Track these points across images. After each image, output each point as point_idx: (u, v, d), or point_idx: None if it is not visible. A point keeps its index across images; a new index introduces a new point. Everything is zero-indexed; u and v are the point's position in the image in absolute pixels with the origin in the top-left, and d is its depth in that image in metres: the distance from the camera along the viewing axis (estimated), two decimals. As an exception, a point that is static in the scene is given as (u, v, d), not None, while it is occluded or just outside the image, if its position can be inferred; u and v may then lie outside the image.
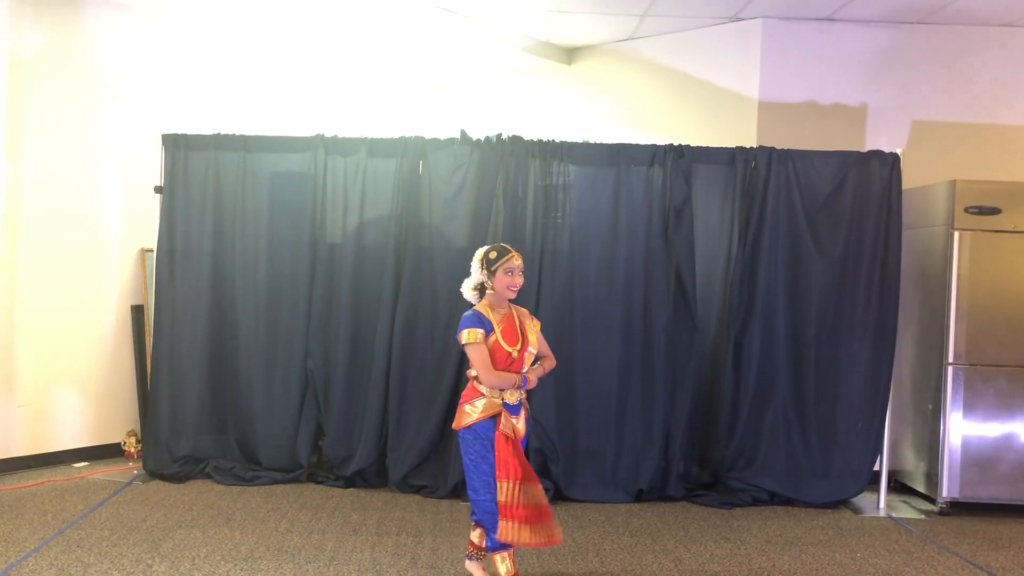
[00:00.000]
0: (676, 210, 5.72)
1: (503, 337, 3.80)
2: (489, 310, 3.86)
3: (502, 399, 3.78)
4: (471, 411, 3.80)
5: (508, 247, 3.90)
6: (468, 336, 3.78)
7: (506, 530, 3.63)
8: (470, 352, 3.80)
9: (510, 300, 3.93)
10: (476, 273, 3.89)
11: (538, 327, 3.99)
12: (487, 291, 3.89)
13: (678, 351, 5.74)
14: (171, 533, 4.75)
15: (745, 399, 5.74)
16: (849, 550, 4.86)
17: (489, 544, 3.85)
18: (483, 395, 3.80)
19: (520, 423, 3.83)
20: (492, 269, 3.84)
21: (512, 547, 3.80)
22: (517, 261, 3.86)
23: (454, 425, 3.91)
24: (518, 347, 3.82)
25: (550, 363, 4.05)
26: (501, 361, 3.79)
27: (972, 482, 5.59)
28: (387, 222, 5.87)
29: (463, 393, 3.90)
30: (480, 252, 3.93)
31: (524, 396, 3.88)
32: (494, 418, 3.76)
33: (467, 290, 3.94)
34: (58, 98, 6.09)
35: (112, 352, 6.43)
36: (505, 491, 3.65)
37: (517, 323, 3.89)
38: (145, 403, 6.27)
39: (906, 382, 6.06)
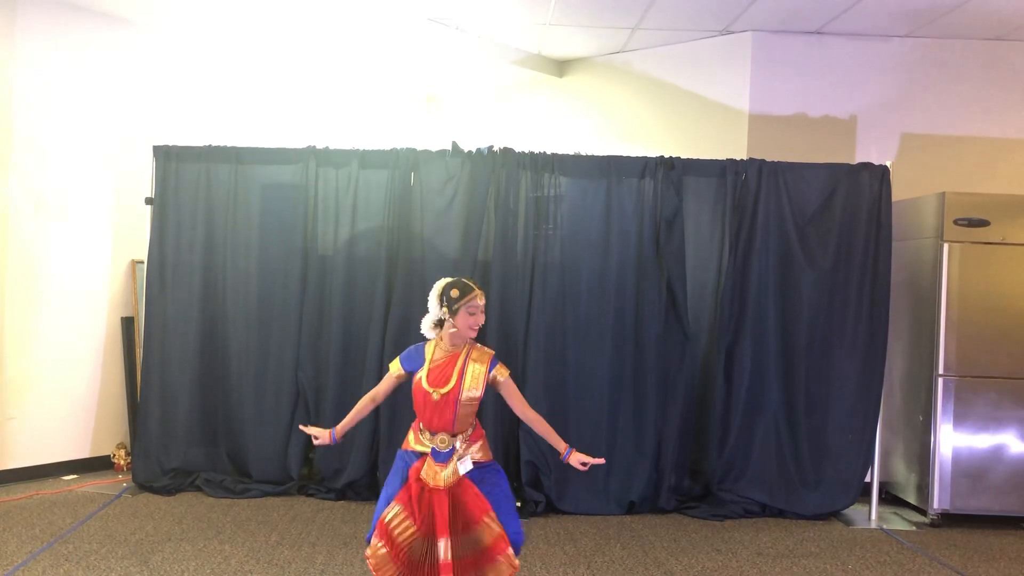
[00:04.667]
0: (667, 222, 5.73)
1: (427, 376, 3.50)
2: (437, 345, 3.58)
3: (431, 445, 3.48)
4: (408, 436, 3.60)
5: (471, 283, 3.57)
6: (390, 365, 3.65)
7: (373, 550, 3.42)
8: None
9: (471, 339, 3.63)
10: (434, 310, 3.56)
11: (504, 375, 3.58)
12: (449, 327, 3.54)
13: (669, 362, 5.75)
14: (160, 546, 4.73)
15: (736, 410, 5.75)
16: (840, 562, 4.86)
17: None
18: (418, 430, 3.56)
19: (446, 473, 3.44)
20: (454, 308, 3.50)
21: None
22: (481, 300, 3.53)
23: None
24: (443, 390, 3.46)
25: (536, 420, 3.64)
26: (419, 401, 3.51)
27: (963, 494, 5.60)
28: (379, 234, 5.87)
29: None
30: (438, 287, 3.57)
31: (468, 448, 3.51)
32: (421, 454, 3.51)
33: (426, 328, 3.61)
34: (48, 109, 6.08)
35: (102, 364, 6.40)
36: (394, 516, 3.43)
37: (459, 364, 3.52)
38: (135, 415, 6.25)
39: (896, 393, 6.08)
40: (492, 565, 3.44)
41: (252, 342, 5.93)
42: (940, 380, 5.62)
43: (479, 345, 3.64)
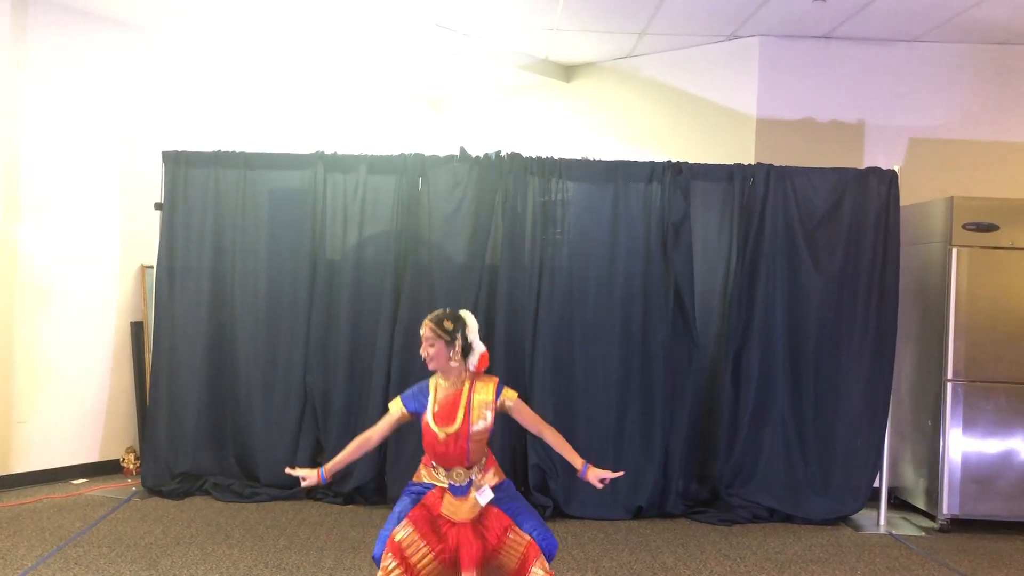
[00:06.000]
0: (675, 227, 5.73)
1: (434, 417, 3.42)
2: (440, 380, 3.51)
3: (447, 480, 3.42)
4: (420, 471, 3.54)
5: (437, 313, 3.53)
6: (390, 405, 3.56)
7: (385, 572, 3.24)
8: None
9: (484, 371, 3.55)
10: None
11: (512, 398, 3.50)
12: None
13: (677, 367, 5.74)
14: (169, 550, 4.74)
15: (744, 415, 5.74)
16: (849, 567, 4.84)
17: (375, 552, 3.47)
18: (431, 466, 3.49)
19: (467, 507, 3.38)
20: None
21: None
22: (423, 331, 3.47)
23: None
24: (450, 429, 3.38)
25: (552, 436, 3.54)
26: (429, 443, 3.43)
27: (972, 499, 5.58)
28: (386, 239, 5.88)
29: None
30: None
31: (484, 476, 3.45)
32: (434, 485, 3.44)
33: None
34: (58, 114, 6.11)
35: (111, 368, 6.43)
36: (405, 536, 3.29)
37: (464, 400, 3.43)
38: (144, 419, 6.27)
39: (905, 398, 6.06)
40: None
41: (260, 346, 5.95)
42: (949, 385, 5.60)
43: (482, 374, 3.55)
